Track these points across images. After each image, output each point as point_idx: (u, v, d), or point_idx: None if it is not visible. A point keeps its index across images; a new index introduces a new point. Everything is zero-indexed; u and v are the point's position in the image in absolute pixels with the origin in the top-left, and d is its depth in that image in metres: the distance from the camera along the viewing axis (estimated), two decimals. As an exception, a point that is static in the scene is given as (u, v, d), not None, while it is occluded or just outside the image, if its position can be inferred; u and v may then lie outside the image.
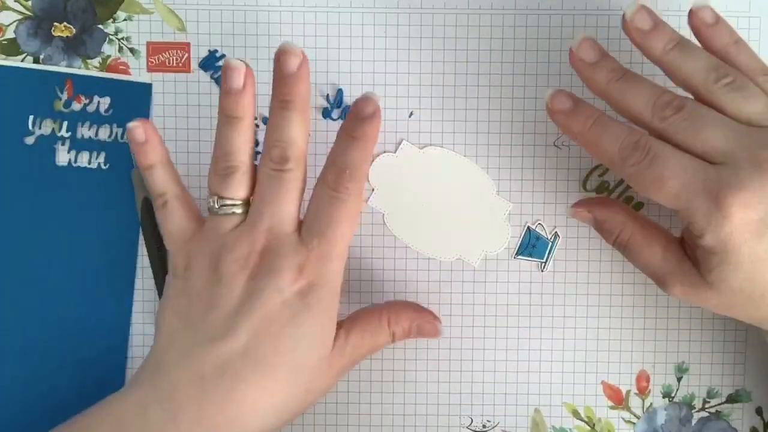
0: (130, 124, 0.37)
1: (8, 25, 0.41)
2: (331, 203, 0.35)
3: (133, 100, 0.42)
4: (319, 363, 0.34)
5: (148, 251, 0.41)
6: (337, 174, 0.35)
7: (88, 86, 0.41)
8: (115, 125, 0.41)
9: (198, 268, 0.35)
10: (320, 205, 0.35)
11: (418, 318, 0.38)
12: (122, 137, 0.42)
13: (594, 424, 0.42)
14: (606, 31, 0.41)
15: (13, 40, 0.41)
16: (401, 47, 0.42)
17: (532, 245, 0.42)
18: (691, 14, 0.36)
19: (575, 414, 0.43)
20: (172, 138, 0.42)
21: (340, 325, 0.36)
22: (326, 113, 0.42)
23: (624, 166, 0.33)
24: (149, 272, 0.41)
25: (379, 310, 0.38)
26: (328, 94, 0.42)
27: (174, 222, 0.36)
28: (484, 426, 0.42)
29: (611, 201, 0.39)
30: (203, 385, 0.32)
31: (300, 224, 0.36)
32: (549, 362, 0.42)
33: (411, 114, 0.42)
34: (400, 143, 0.42)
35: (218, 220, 0.35)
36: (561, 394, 0.42)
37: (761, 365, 0.42)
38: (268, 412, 0.33)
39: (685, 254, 0.35)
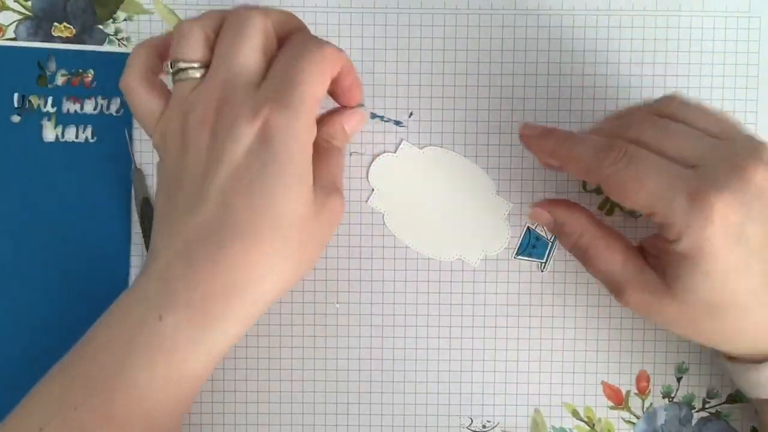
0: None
1: (8, 25, 0.41)
2: (299, 50, 0.32)
3: (116, 71, 0.41)
4: (301, 218, 0.32)
5: (147, 251, 0.41)
6: (303, 34, 0.34)
7: (70, 60, 0.41)
8: (99, 97, 0.41)
9: (171, 140, 0.33)
10: (285, 54, 0.32)
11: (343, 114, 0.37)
12: (108, 109, 0.42)
13: (594, 424, 0.42)
14: (606, 32, 0.41)
15: (12, 41, 0.41)
16: (401, 47, 0.42)
17: (532, 245, 0.42)
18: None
19: (575, 414, 0.43)
20: (172, 138, 0.42)
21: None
22: (326, 113, 0.42)
23: (601, 167, 0.33)
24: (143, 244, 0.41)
25: (327, 121, 0.36)
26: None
27: (139, 105, 0.34)
28: (484, 426, 0.42)
29: (572, 203, 0.38)
30: (189, 254, 0.31)
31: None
32: (549, 362, 0.42)
33: (411, 114, 0.42)
34: (400, 143, 0.42)
35: (179, 87, 0.33)
36: (561, 394, 0.42)
37: (761, 365, 0.42)
38: (265, 276, 0.31)
39: (646, 263, 0.35)
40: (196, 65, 0.32)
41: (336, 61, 0.33)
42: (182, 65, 0.32)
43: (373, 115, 0.40)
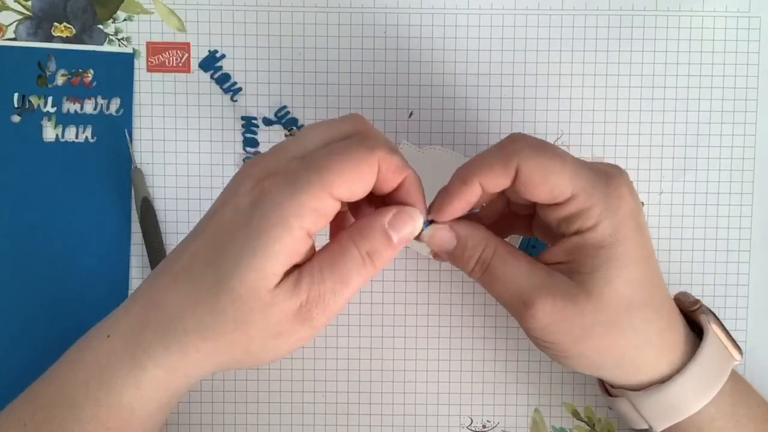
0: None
1: (8, 25, 0.41)
2: (348, 143, 0.30)
3: (116, 71, 0.42)
4: (246, 292, 0.29)
5: (147, 250, 0.41)
6: (372, 132, 0.31)
7: (70, 60, 0.42)
8: (99, 97, 0.42)
9: None
10: (335, 143, 0.31)
11: (390, 218, 0.31)
12: (108, 109, 0.42)
13: (594, 424, 0.42)
14: (606, 31, 0.41)
15: (13, 41, 0.41)
16: (401, 47, 0.42)
17: (532, 245, 0.42)
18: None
19: (575, 414, 0.42)
20: (171, 138, 0.42)
21: (300, 265, 0.30)
22: (326, 113, 0.41)
23: (518, 154, 0.31)
24: (143, 244, 0.42)
25: (341, 234, 0.31)
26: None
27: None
28: (484, 426, 0.42)
29: (469, 219, 0.34)
30: (154, 283, 0.31)
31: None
32: (549, 362, 0.42)
33: (411, 114, 0.42)
34: (400, 143, 0.42)
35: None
36: (561, 394, 0.42)
37: (761, 365, 0.42)
38: (189, 325, 0.30)
39: (551, 268, 0.33)
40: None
41: (388, 167, 0.30)
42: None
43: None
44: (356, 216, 0.34)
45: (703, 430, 0.34)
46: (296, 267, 0.30)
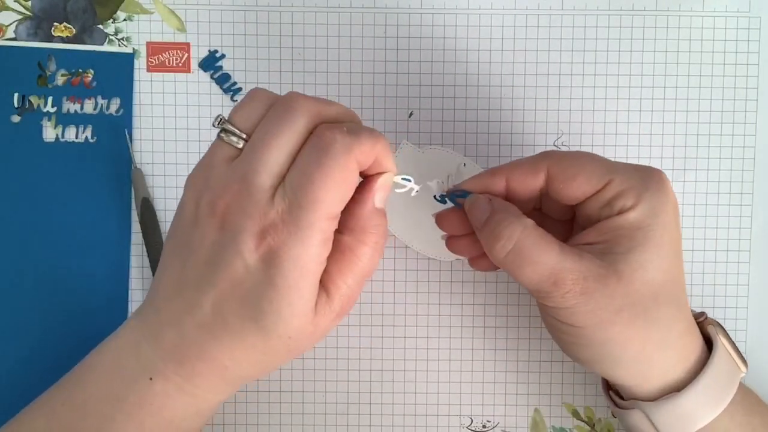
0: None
1: (8, 25, 0.41)
2: (318, 156, 0.29)
3: (116, 71, 0.42)
4: (296, 332, 0.31)
5: (147, 251, 0.41)
6: (331, 127, 0.30)
7: (70, 60, 0.42)
8: (99, 97, 0.42)
9: (188, 198, 0.31)
10: (304, 158, 0.29)
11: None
12: (108, 109, 0.42)
13: (594, 424, 0.42)
14: (606, 31, 0.42)
15: (13, 41, 0.41)
16: (401, 47, 0.42)
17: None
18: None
19: (575, 414, 0.43)
20: (171, 138, 0.42)
21: (320, 283, 0.31)
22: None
23: (549, 155, 0.33)
24: (143, 244, 0.42)
25: (345, 239, 0.32)
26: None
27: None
28: (484, 426, 0.42)
29: (502, 201, 0.34)
30: (182, 333, 0.31)
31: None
32: (549, 362, 0.42)
33: (411, 114, 0.42)
34: (400, 143, 0.42)
35: (216, 147, 0.31)
36: (561, 394, 0.42)
37: (761, 365, 0.42)
38: (244, 365, 0.32)
39: (582, 249, 0.32)
40: (243, 136, 0.31)
41: (366, 157, 0.30)
42: (229, 128, 0.31)
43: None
44: None
45: None
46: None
